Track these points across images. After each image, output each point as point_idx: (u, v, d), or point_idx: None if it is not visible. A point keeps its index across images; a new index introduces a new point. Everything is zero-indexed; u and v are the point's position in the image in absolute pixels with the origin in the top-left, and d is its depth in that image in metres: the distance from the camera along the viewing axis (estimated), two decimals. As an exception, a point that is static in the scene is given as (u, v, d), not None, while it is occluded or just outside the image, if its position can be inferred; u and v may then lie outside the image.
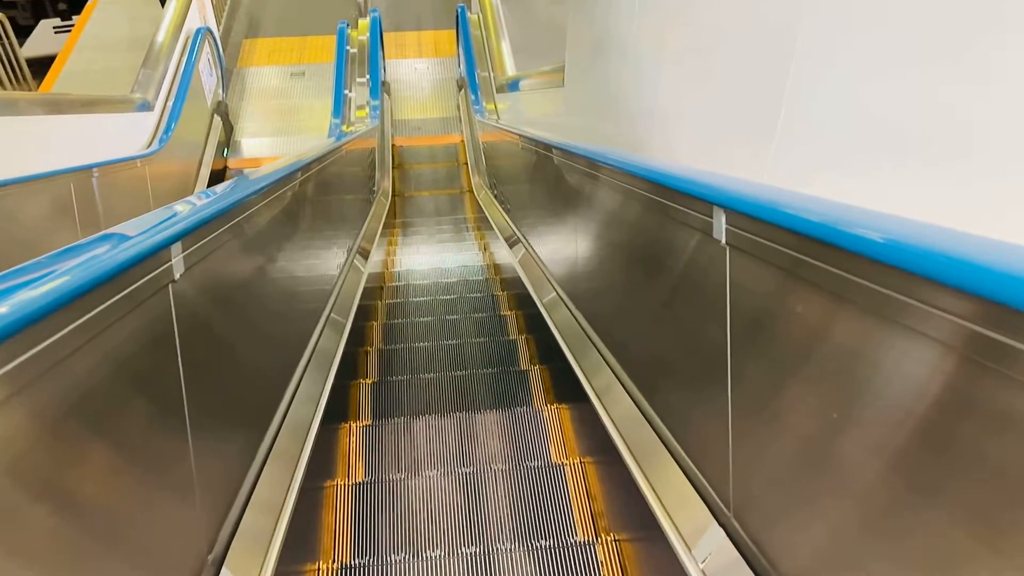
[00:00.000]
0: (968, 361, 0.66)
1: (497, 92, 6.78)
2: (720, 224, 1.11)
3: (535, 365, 3.18)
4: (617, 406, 1.74)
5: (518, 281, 3.71)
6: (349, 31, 7.73)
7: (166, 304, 1.08)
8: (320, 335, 2.61)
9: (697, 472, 1.35)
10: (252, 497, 1.48)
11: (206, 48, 7.18)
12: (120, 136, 5.53)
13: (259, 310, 1.87)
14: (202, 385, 1.32)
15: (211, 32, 7.43)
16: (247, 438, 1.57)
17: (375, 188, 5.94)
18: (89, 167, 4.25)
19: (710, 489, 1.27)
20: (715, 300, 1.21)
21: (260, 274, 1.92)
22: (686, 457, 1.41)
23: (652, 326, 1.64)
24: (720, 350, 1.19)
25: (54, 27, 10.25)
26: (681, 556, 1.28)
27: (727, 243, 1.11)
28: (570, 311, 2.69)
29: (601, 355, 2.12)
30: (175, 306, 1.10)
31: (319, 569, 1.92)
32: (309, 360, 2.32)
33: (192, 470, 1.18)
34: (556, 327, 2.78)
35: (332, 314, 2.81)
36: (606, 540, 1.86)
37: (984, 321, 0.63)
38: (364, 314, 3.73)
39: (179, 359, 1.13)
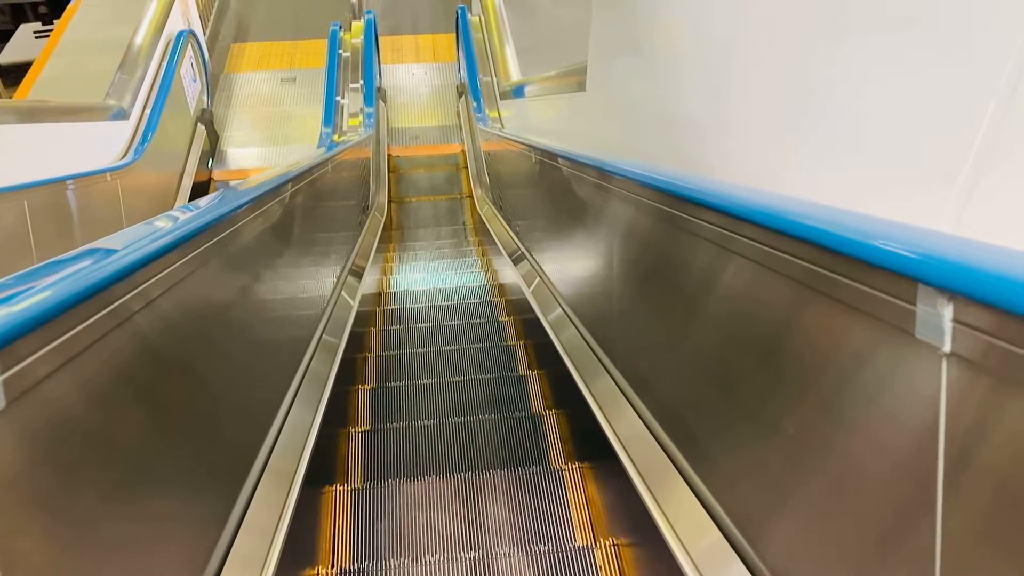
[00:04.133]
0: None
1: (501, 98, 6.32)
2: (939, 319, 0.64)
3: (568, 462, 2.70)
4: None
5: (538, 326, 3.24)
6: (342, 34, 7.28)
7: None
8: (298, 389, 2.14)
9: None
10: None
11: (189, 52, 6.71)
12: (91, 148, 5.06)
13: (198, 389, 1.40)
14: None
15: (194, 35, 6.97)
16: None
17: (369, 203, 5.47)
18: (48, 183, 3.79)
19: None
20: (903, 425, 0.74)
21: (200, 335, 1.45)
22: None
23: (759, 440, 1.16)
24: (920, 504, 0.72)
25: (34, 32, 9.79)
26: None
27: (952, 352, 0.64)
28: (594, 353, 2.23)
29: (674, 465, 1.65)
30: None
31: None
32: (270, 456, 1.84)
33: None
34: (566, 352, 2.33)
35: (307, 381, 2.32)
36: None
37: None
38: (356, 344, 3.26)
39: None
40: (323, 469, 2.23)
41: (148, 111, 5.72)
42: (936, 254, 0.64)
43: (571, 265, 2.73)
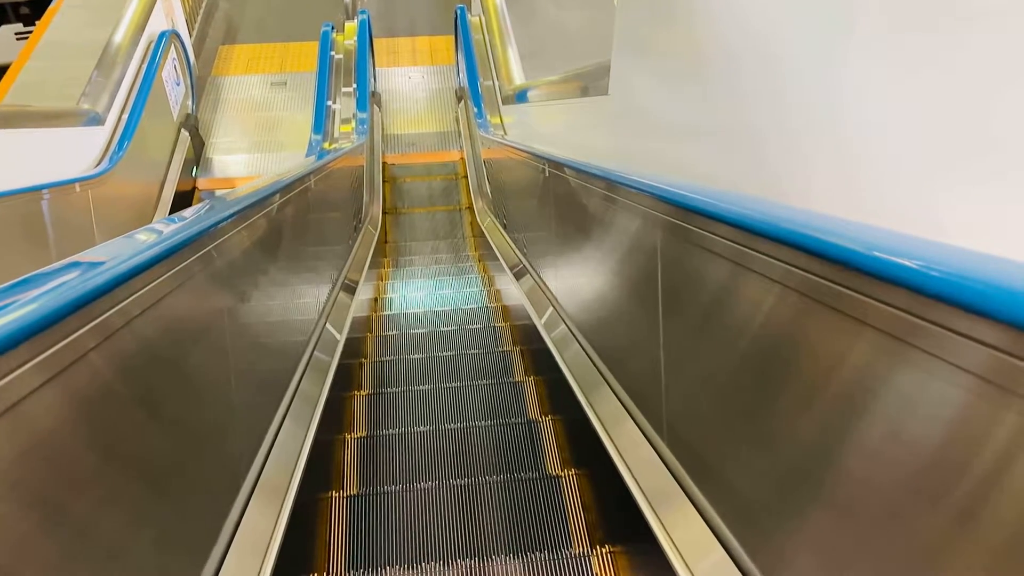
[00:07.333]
0: None
1: (503, 103, 5.95)
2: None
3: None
4: None
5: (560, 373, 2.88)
6: (334, 35, 6.91)
7: None
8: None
9: None
10: None
11: (172, 54, 6.33)
12: (60, 156, 4.68)
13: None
14: None
15: (178, 36, 6.59)
16: None
17: (362, 215, 5.10)
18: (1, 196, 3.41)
19: None
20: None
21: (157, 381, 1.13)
22: None
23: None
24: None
25: (16, 33, 9.42)
26: None
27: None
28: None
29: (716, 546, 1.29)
30: None
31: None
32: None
33: None
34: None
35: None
36: None
37: None
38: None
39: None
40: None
41: (126, 116, 5.34)
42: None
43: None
